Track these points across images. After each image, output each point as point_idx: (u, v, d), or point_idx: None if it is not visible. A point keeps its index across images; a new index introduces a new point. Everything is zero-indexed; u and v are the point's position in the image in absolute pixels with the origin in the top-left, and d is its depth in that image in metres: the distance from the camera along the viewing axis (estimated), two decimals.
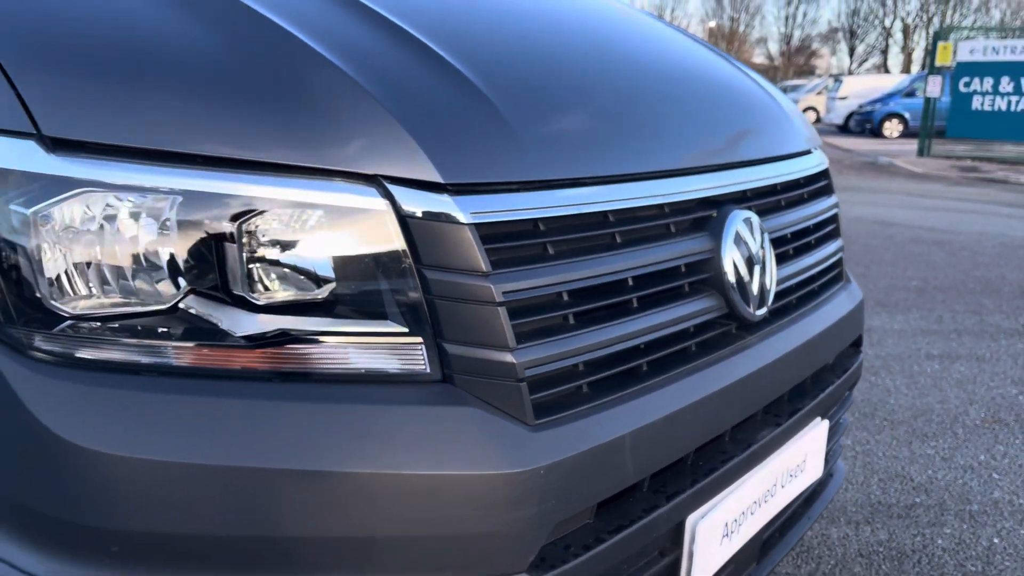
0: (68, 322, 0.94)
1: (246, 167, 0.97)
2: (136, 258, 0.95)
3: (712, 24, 62.34)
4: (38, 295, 0.93)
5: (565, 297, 1.10)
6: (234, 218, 0.96)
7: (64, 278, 0.94)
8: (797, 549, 2.26)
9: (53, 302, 0.94)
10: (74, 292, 0.94)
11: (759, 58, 62.11)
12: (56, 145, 0.92)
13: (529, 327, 1.04)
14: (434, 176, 0.99)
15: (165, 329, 0.96)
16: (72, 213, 0.93)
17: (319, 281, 0.99)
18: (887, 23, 59.79)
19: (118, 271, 0.95)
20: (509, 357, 1.00)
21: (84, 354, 0.95)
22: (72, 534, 0.93)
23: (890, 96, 23.75)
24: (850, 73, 54.28)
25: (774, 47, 65.41)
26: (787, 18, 63.55)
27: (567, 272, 1.09)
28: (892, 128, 23.06)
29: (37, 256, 0.93)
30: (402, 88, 1.06)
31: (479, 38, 1.30)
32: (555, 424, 1.04)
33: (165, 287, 0.96)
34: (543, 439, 1.02)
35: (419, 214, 0.99)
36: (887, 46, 60.02)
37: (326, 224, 0.98)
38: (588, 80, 1.35)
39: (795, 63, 61.66)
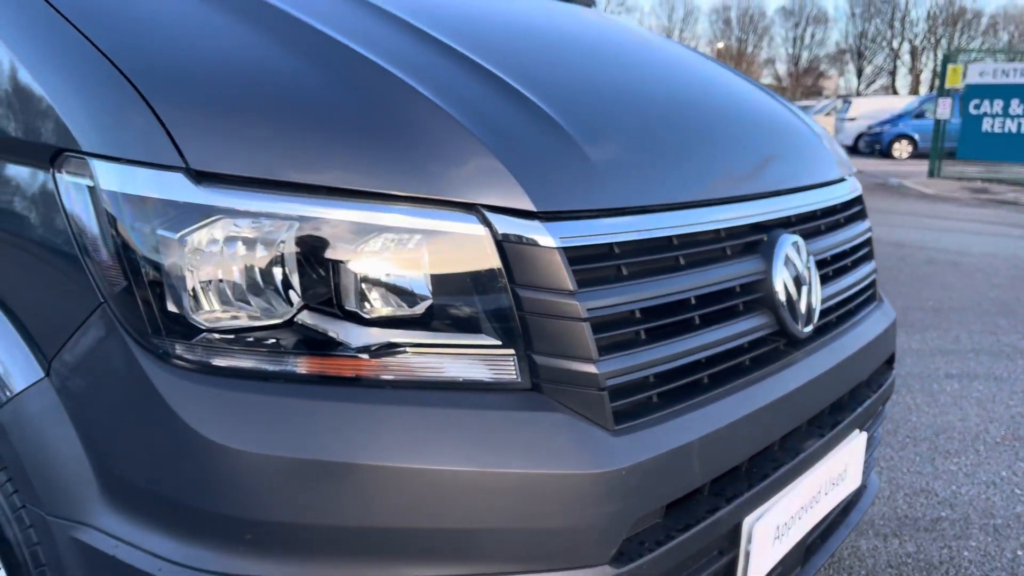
0: (204, 334, 1.06)
1: (360, 196, 1.08)
2: (261, 277, 1.06)
3: (720, 45, 62.84)
4: (179, 310, 1.05)
5: (637, 314, 1.21)
6: (348, 241, 1.07)
7: (201, 295, 1.05)
8: (830, 560, 2.35)
9: (192, 316, 1.05)
10: (209, 307, 1.06)
11: (767, 79, 62.49)
12: (200, 177, 1.04)
13: (607, 341, 1.15)
14: (528, 205, 1.11)
15: (286, 340, 1.08)
16: (210, 237, 1.05)
17: (422, 298, 1.10)
18: (895, 45, 60.16)
19: (245, 288, 1.06)
20: (592, 368, 1.11)
21: (219, 362, 1.06)
22: (208, 522, 1.03)
23: (899, 117, 23.91)
24: (858, 94, 54.58)
25: (782, 68, 65.85)
26: (795, 39, 64.03)
27: (638, 291, 1.20)
28: (902, 149, 23.19)
29: (180, 275, 1.04)
30: (497, 126, 1.18)
31: (552, 76, 1.42)
32: (633, 430, 1.15)
33: (285, 303, 1.07)
34: (623, 443, 1.12)
35: (514, 239, 1.10)
36: (895, 67, 60.38)
37: (429, 247, 1.10)
38: (649, 114, 1.47)
39: (803, 84, 62.06)
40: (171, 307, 1.05)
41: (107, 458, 1.10)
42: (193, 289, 1.05)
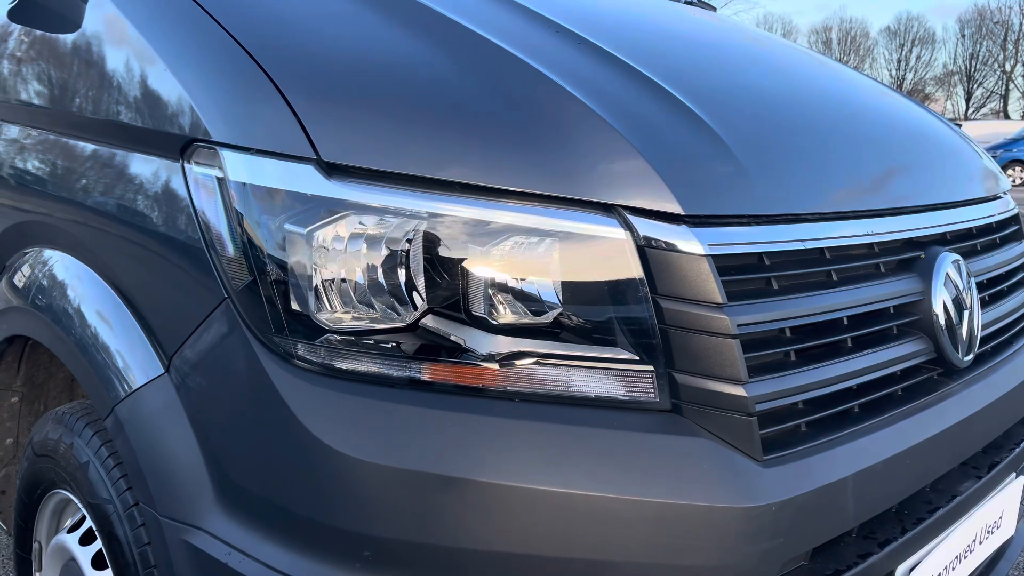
0: (327, 334, 1.00)
1: (492, 194, 1.01)
2: (386, 277, 1.00)
3: None
4: (303, 309, 1.00)
5: (788, 333, 1.09)
6: (479, 242, 1.00)
7: (325, 293, 1.00)
8: None
9: (316, 315, 1.00)
10: (333, 307, 1.00)
11: None
12: (331, 170, 0.99)
13: (756, 361, 1.04)
14: (675, 207, 1.02)
15: (409, 345, 1.01)
16: (338, 233, 0.99)
17: (554, 305, 1.01)
18: (1007, 67, 57.24)
19: (370, 288, 1.01)
20: (741, 390, 1.01)
21: (342, 365, 1.00)
22: (325, 536, 0.97)
23: (1014, 142, 22.66)
24: (966, 118, 52.10)
25: None
26: (899, 61, 61.74)
27: (789, 307, 1.09)
28: (1015, 175, 21.96)
29: (305, 272, 0.99)
30: (641, 123, 1.09)
31: (694, 73, 1.33)
32: (782, 461, 1.03)
33: (410, 305, 1.01)
34: (773, 476, 1.01)
35: (658, 244, 1.01)
36: (1007, 90, 57.39)
37: (564, 250, 1.01)
38: (799, 118, 1.36)
39: None
40: (295, 305, 1.00)
41: (223, 460, 1.05)
42: (318, 287, 1.00)
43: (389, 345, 1.01)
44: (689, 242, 1.01)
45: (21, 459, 1.64)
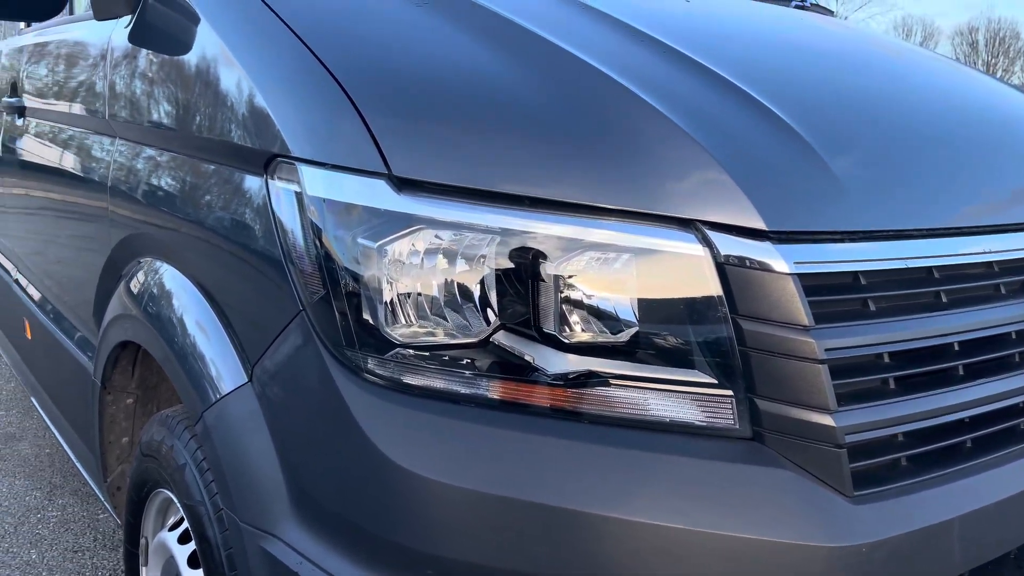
0: (397, 348, 1.00)
1: (565, 209, 0.98)
2: (457, 292, 0.99)
3: None
4: (374, 322, 1.00)
5: (886, 359, 1.01)
6: (551, 257, 0.98)
7: (396, 307, 1.00)
8: None
9: (386, 329, 1.00)
10: (403, 321, 1.00)
11: None
12: (402, 184, 0.99)
13: (848, 389, 0.97)
14: (757, 223, 0.96)
15: (479, 361, 1.00)
16: (409, 248, 0.99)
17: (628, 324, 0.97)
18: None
19: (441, 303, 1.00)
20: (829, 420, 0.93)
21: (410, 380, 1.00)
22: (390, 552, 0.97)
23: None
24: None
25: None
26: None
27: (889, 331, 1.01)
28: None
29: (377, 286, 1.00)
30: (722, 132, 1.04)
31: (788, 80, 1.25)
32: (876, 498, 0.95)
33: (481, 321, 0.99)
34: (865, 513, 0.93)
35: (739, 261, 0.95)
36: None
37: (639, 267, 0.97)
38: (904, 126, 1.26)
39: None
40: (366, 319, 1.00)
41: (297, 470, 1.07)
42: (389, 301, 1.00)
43: (458, 361, 1.00)
44: (773, 259, 0.94)
45: (133, 458, 1.74)
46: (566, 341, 0.98)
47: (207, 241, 1.25)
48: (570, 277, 0.98)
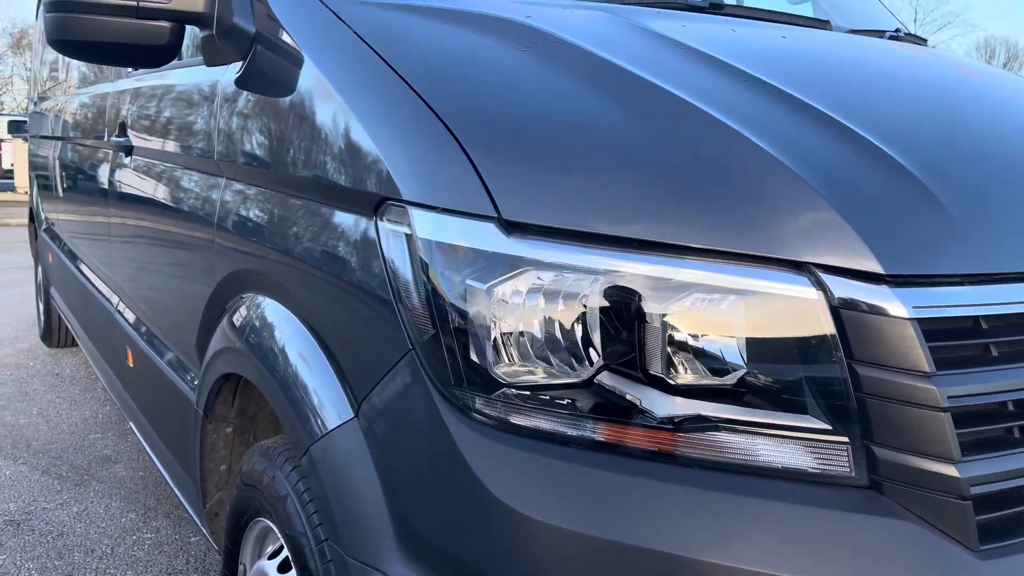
0: (503, 388, 1.01)
1: (673, 251, 0.98)
2: (563, 332, 1.00)
3: None
4: (481, 362, 1.02)
5: (1010, 407, 0.97)
6: (657, 299, 0.97)
7: (503, 347, 1.01)
8: None
9: (493, 369, 1.01)
10: (510, 361, 1.01)
11: None
12: (511, 227, 1.00)
13: (971, 438, 0.93)
14: (874, 266, 0.94)
15: (585, 402, 1.00)
16: (515, 288, 1.01)
17: (737, 367, 0.96)
18: None
19: (547, 344, 1.01)
20: (953, 470, 0.90)
21: (517, 420, 1.01)
22: None
23: None
24: None
25: None
26: None
27: (1013, 378, 0.97)
28: None
29: (484, 326, 1.01)
30: (832, 172, 1.02)
31: (893, 116, 1.23)
32: (1006, 552, 0.91)
33: (586, 362, 1.00)
34: (993, 569, 0.89)
35: (855, 305, 0.93)
36: None
37: (748, 310, 0.96)
38: (1013, 161, 1.22)
39: None
40: (474, 358, 1.02)
41: (404, 507, 1.09)
42: (495, 341, 1.01)
43: (564, 402, 1.00)
44: (891, 304, 0.92)
45: (232, 486, 1.79)
46: (673, 383, 0.98)
47: (315, 279, 1.30)
48: (677, 319, 0.97)
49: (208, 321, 1.81)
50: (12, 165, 18.91)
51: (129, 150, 2.43)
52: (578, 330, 1.00)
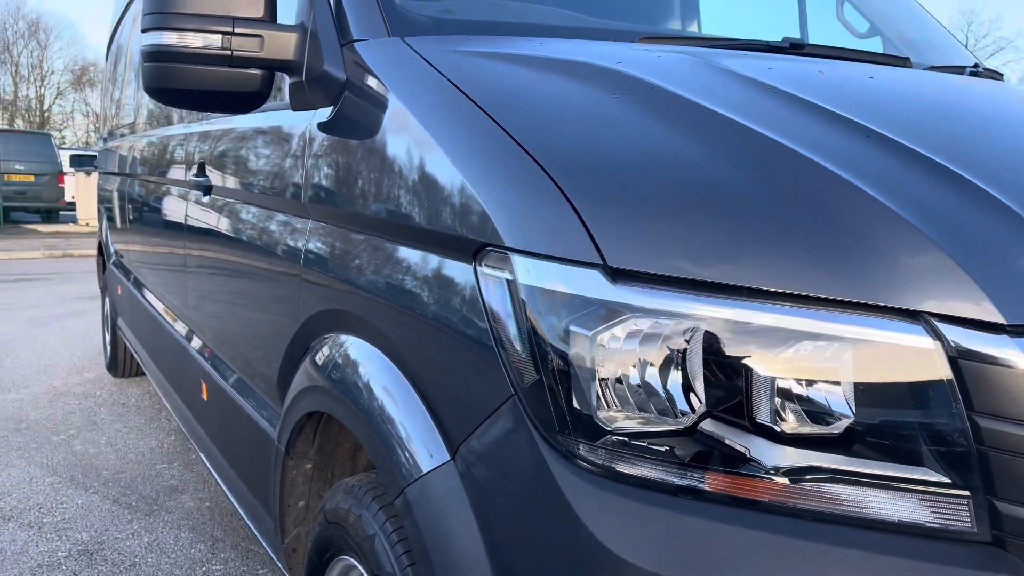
0: (609, 435, 1.01)
1: (779, 299, 0.98)
2: (668, 379, 1.00)
3: None
4: (586, 409, 1.02)
5: None
6: (765, 347, 0.97)
7: (607, 394, 1.01)
8: None
9: (597, 416, 1.01)
10: (614, 408, 1.01)
11: None
12: (616, 275, 1.01)
13: None
14: (994, 316, 0.92)
15: (692, 451, 0.99)
16: (621, 335, 1.01)
17: (849, 417, 0.95)
18: None
19: (651, 391, 1.00)
20: None
21: (623, 468, 1.00)
22: None
23: None
24: None
25: None
26: None
27: None
28: None
29: (589, 373, 1.01)
30: (945, 218, 1.01)
31: (994, 157, 1.21)
32: None
33: (691, 409, 0.99)
34: None
35: (975, 356, 0.91)
36: None
37: (861, 358, 0.95)
38: None
39: None
40: (578, 405, 1.02)
41: (503, 551, 1.09)
42: (600, 388, 1.01)
43: (668, 449, 1.00)
44: (1014, 355, 0.90)
45: (312, 522, 1.81)
46: (780, 432, 0.97)
47: (409, 320, 1.31)
48: (786, 367, 0.97)
49: (290, 359, 1.84)
50: (74, 197, 19.62)
51: (208, 189, 2.50)
52: (682, 377, 1.00)
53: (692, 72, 1.36)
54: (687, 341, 0.99)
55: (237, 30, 1.62)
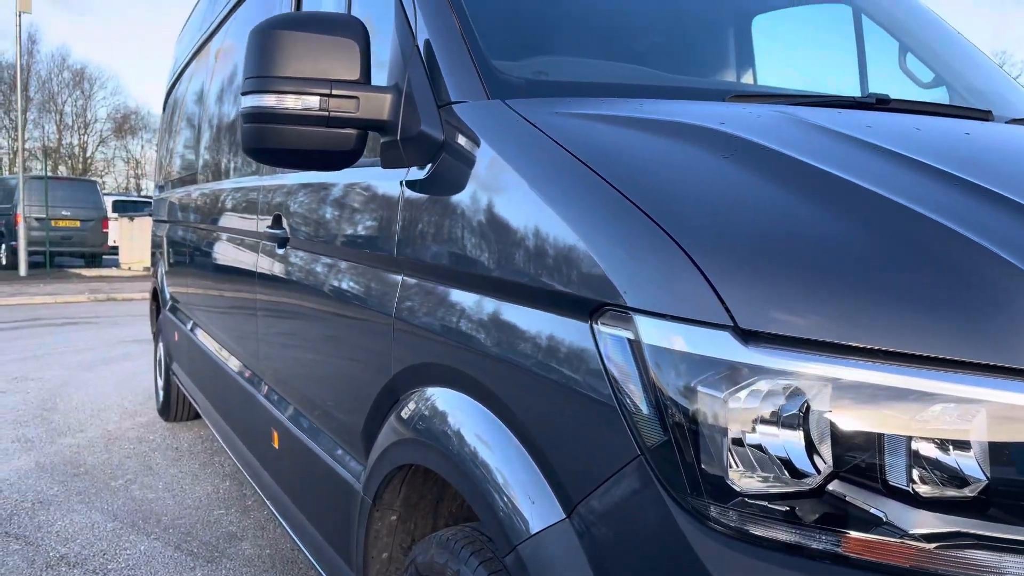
0: (741, 497, 1.01)
1: (911, 361, 0.98)
2: (800, 441, 1.00)
3: None
4: (717, 470, 1.02)
5: None
6: (899, 409, 0.97)
7: (739, 456, 1.02)
8: None
9: (730, 477, 1.02)
10: (743, 468, 1.02)
11: None
12: (747, 336, 1.02)
13: None
14: None
15: (825, 513, 0.99)
16: (753, 397, 1.01)
17: (984, 481, 0.94)
18: None
19: (783, 453, 1.01)
20: None
21: (756, 530, 1.00)
22: None
23: None
24: None
25: None
26: None
27: None
28: None
29: (720, 435, 1.02)
30: None
31: None
32: None
33: (824, 471, 0.99)
34: None
35: None
36: None
37: (994, 421, 0.95)
38: None
39: None
40: (708, 466, 1.03)
41: None
42: (732, 450, 1.02)
43: (800, 511, 1.00)
44: None
45: (400, 574, 1.81)
46: (916, 495, 0.96)
47: (516, 377, 1.33)
48: (920, 429, 0.96)
49: (377, 410, 1.86)
50: (115, 242, 20.10)
51: (284, 241, 2.56)
52: (815, 439, 1.00)
53: (796, 132, 1.38)
54: (818, 402, 0.99)
55: (335, 92, 1.68)
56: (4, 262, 18.54)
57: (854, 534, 0.98)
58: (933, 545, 0.95)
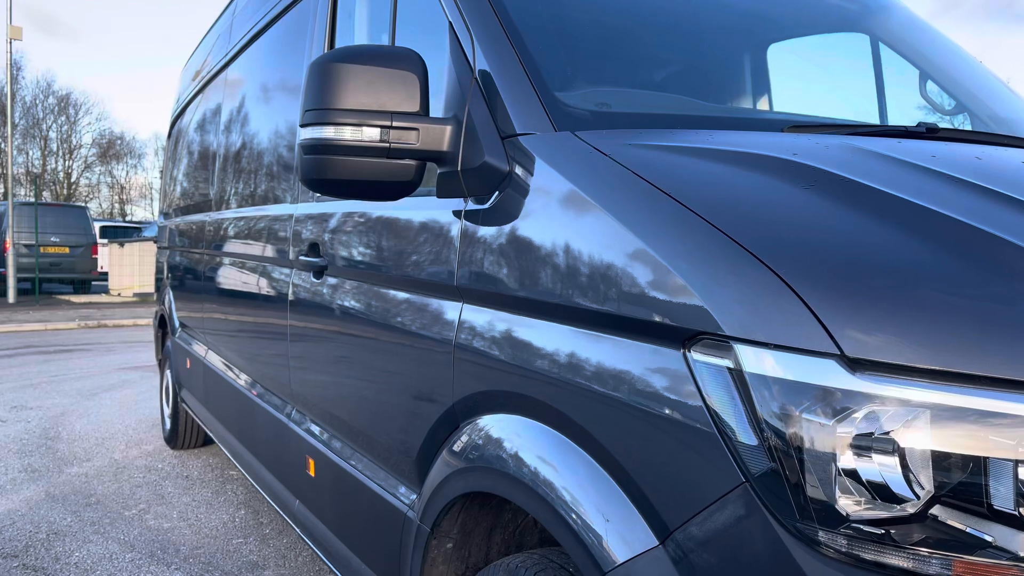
0: (847, 522, 1.03)
1: (1015, 387, 1.00)
2: (906, 466, 1.02)
3: None
4: (824, 496, 1.04)
5: None
6: (1002, 435, 0.99)
7: (846, 482, 1.04)
8: None
9: (838, 503, 1.04)
10: (853, 495, 1.03)
11: None
12: (854, 365, 1.05)
13: None
14: None
15: (932, 537, 1.01)
16: (858, 423, 1.04)
17: None
18: None
19: (886, 477, 1.03)
20: None
21: (866, 555, 1.02)
22: None
23: None
24: None
25: None
26: None
27: None
28: None
29: (827, 462, 1.04)
30: None
31: None
32: None
33: (930, 496, 1.01)
34: None
35: None
36: None
37: None
38: None
39: None
40: (816, 493, 1.04)
41: None
42: (839, 476, 1.04)
43: (908, 536, 1.02)
44: None
45: None
46: (1021, 518, 0.98)
47: (600, 406, 1.34)
48: (1020, 453, 0.99)
49: (434, 438, 1.87)
50: (102, 267, 19.96)
51: (321, 270, 2.57)
52: (920, 463, 1.02)
53: (869, 163, 1.42)
54: (924, 427, 1.02)
55: (396, 124, 1.70)
56: None
57: (965, 558, 1.00)
58: None
